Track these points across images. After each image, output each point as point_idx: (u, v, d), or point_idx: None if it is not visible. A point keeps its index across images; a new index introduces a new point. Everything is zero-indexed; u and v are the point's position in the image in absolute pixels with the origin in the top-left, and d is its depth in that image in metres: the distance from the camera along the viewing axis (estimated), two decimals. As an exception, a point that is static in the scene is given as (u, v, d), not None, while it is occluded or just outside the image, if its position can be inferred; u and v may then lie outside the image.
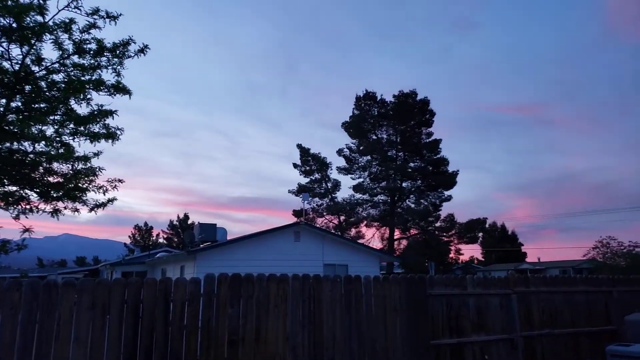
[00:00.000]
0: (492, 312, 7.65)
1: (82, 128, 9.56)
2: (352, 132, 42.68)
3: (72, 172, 9.80)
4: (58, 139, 9.50)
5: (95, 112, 9.63)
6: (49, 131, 9.46)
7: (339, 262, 19.21)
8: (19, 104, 9.34)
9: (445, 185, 41.25)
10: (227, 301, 5.65)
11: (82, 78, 9.46)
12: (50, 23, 8.95)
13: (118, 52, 9.62)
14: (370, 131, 42.64)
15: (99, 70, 9.65)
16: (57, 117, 9.54)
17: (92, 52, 9.45)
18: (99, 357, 4.92)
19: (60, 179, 9.79)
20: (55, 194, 9.66)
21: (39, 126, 9.11)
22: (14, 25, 8.55)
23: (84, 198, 9.98)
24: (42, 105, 9.42)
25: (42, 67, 9.25)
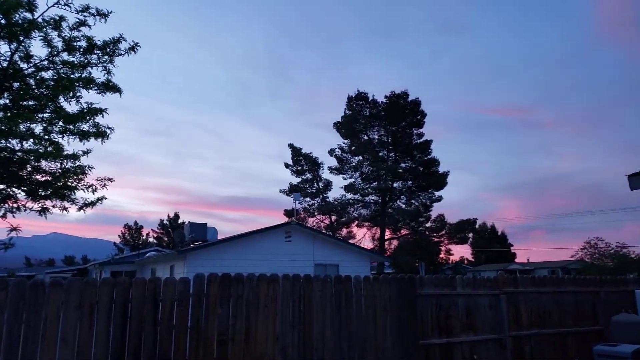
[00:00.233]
0: (481, 312, 7.71)
1: (71, 126, 9.49)
2: (344, 132, 42.73)
3: (60, 170, 9.72)
4: (47, 137, 9.42)
5: (85, 110, 9.55)
6: (38, 129, 9.39)
7: (330, 262, 19.21)
8: (7, 101, 9.24)
9: (435, 186, 41.46)
10: (217, 301, 5.63)
11: (72, 76, 9.38)
12: (40, 20, 8.87)
13: (108, 50, 9.56)
14: (362, 131, 42.72)
15: (88, 68, 9.59)
16: (46, 115, 9.46)
17: (82, 49, 9.38)
18: (86, 357, 4.88)
19: (48, 178, 9.70)
20: (44, 193, 9.58)
21: (27, 124, 9.02)
22: (3, 21, 8.47)
23: (73, 197, 9.92)
24: (31, 103, 9.33)
25: (31, 65, 9.17)
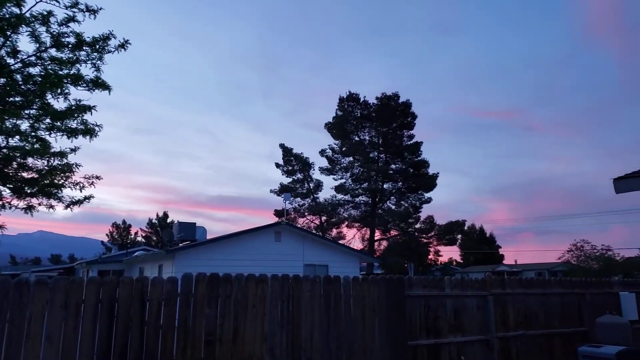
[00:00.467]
0: (468, 314, 7.75)
1: (58, 123, 9.38)
2: (335, 133, 42.80)
3: (47, 167, 9.61)
4: (33, 134, 9.31)
5: (73, 107, 9.45)
6: (24, 125, 9.27)
7: (320, 262, 19.22)
8: (-7, 97, 9.10)
9: (425, 187, 41.70)
10: (205, 301, 5.59)
11: (60, 72, 9.28)
12: (28, 15, 8.75)
13: (98, 46, 9.47)
14: (353, 132, 42.82)
15: (77, 65, 9.49)
16: (33, 112, 9.34)
17: (70, 45, 9.28)
18: (71, 357, 4.82)
19: (34, 175, 9.59)
20: (30, 190, 9.46)
21: (13, 120, 8.89)
22: (-11, 16, 8.34)
23: (60, 194, 9.80)
24: (17, 99, 9.20)
25: (18, 60, 9.04)
